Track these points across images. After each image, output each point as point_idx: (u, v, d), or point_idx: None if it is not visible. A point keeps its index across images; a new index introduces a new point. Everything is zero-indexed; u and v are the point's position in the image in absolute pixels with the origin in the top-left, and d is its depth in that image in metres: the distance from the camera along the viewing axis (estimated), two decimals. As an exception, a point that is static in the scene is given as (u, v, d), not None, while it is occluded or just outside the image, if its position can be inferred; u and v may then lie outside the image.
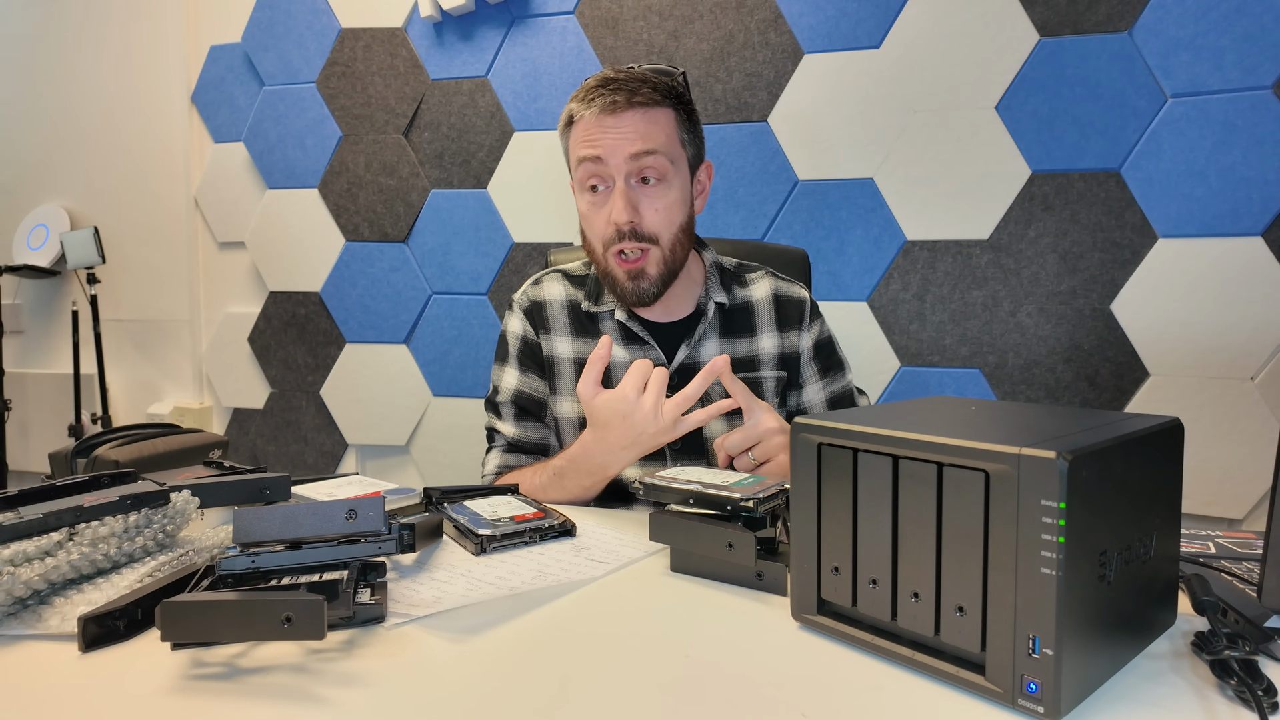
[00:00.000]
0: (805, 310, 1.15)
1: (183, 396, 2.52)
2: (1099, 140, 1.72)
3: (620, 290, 1.07)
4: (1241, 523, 1.68)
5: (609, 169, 1.02)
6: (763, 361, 1.12)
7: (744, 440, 0.90)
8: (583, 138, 1.04)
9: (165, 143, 2.44)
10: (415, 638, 0.56)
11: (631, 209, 1.02)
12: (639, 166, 1.02)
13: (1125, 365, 1.74)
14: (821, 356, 1.15)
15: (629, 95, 1.01)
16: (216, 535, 0.72)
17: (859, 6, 1.85)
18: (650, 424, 0.88)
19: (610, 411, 0.89)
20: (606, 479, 0.96)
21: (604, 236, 1.05)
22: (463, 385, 2.20)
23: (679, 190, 1.06)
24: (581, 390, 0.91)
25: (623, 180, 1.02)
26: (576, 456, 0.96)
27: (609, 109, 1.01)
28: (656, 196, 1.04)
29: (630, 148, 1.01)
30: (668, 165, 1.03)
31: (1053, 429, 0.49)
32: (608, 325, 1.13)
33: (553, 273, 1.19)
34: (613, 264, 1.06)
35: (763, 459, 0.90)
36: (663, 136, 1.03)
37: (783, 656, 0.53)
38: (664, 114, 1.04)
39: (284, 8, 2.25)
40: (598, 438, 0.92)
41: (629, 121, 1.01)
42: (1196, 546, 0.73)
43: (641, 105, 1.02)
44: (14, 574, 0.57)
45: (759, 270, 1.18)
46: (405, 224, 2.20)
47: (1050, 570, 0.43)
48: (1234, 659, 0.47)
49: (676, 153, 1.05)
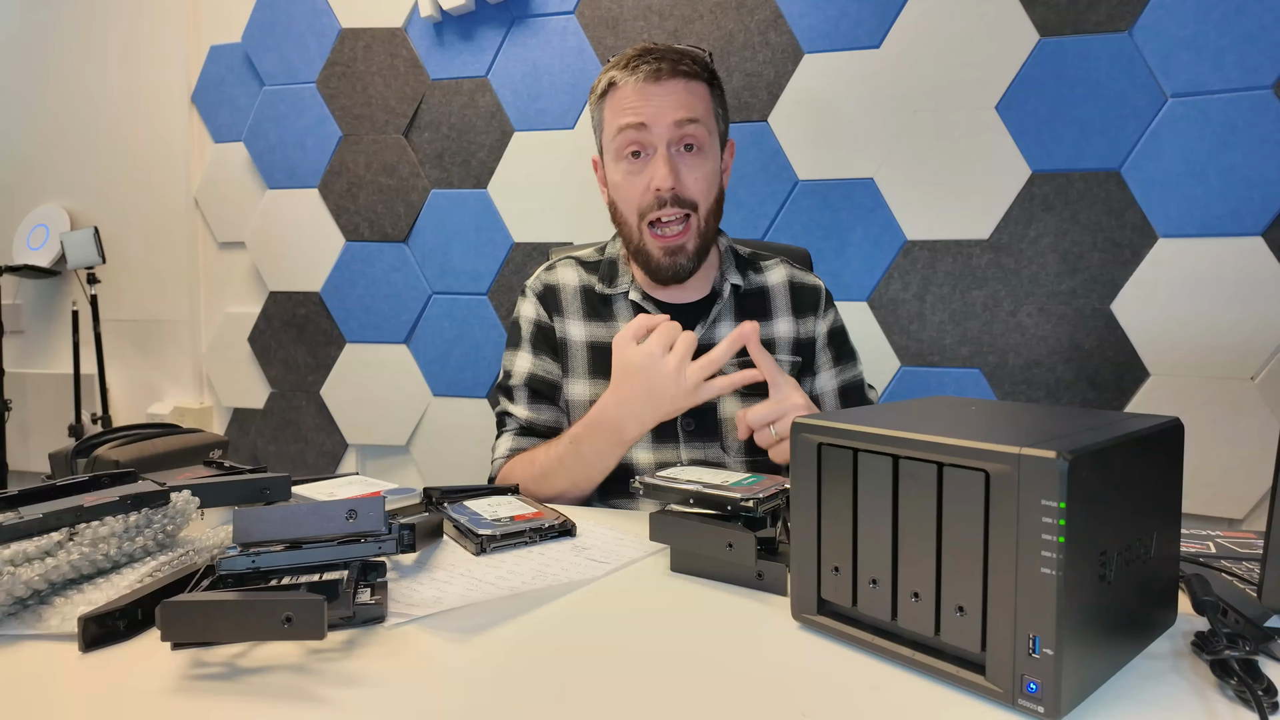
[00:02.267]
0: (820, 297, 1.16)
1: (183, 396, 2.51)
2: (1099, 140, 1.72)
3: (655, 265, 1.07)
4: (1241, 523, 1.67)
5: (652, 135, 1.03)
6: (778, 346, 1.12)
7: (768, 414, 0.88)
8: (624, 105, 1.04)
9: (165, 143, 2.44)
10: (415, 638, 0.56)
11: (675, 174, 1.03)
12: (682, 134, 1.03)
13: (1125, 365, 1.74)
14: (835, 344, 1.15)
15: (673, 64, 1.03)
16: (216, 535, 0.72)
17: (859, 6, 1.85)
18: (671, 383, 0.87)
19: (634, 365, 0.89)
20: (623, 445, 0.95)
21: (641, 204, 1.05)
22: (463, 385, 2.19)
23: (714, 161, 1.08)
24: (617, 340, 0.91)
25: (664, 147, 1.03)
26: (594, 418, 0.96)
27: (653, 76, 1.03)
28: (696, 165, 1.05)
29: (674, 114, 1.02)
30: (706, 135, 1.05)
31: (1053, 429, 0.49)
32: (621, 307, 1.13)
33: (566, 258, 1.19)
34: (648, 237, 1.06)
35: (785, 434, 0.89)
36: (703, 107, 1.05)
37: (783, 656, 0.53)
38: (702, 87, 1.06)
39: (284, 8, 2.25)
40: (617, 391, 0.92)
41: (672, 90, 1.03)
42: (1196, 546, 0.73)
43: (685, 75, 1.04)
44: (14, 574, 0.57)
45: (773, 258, 1.19)
46: (405, 224, 2.20)
47: (1050, 570, 0.43)
48: (1234, 659, 0.47)
49: (713, 125, 1.07)
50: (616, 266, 1.15)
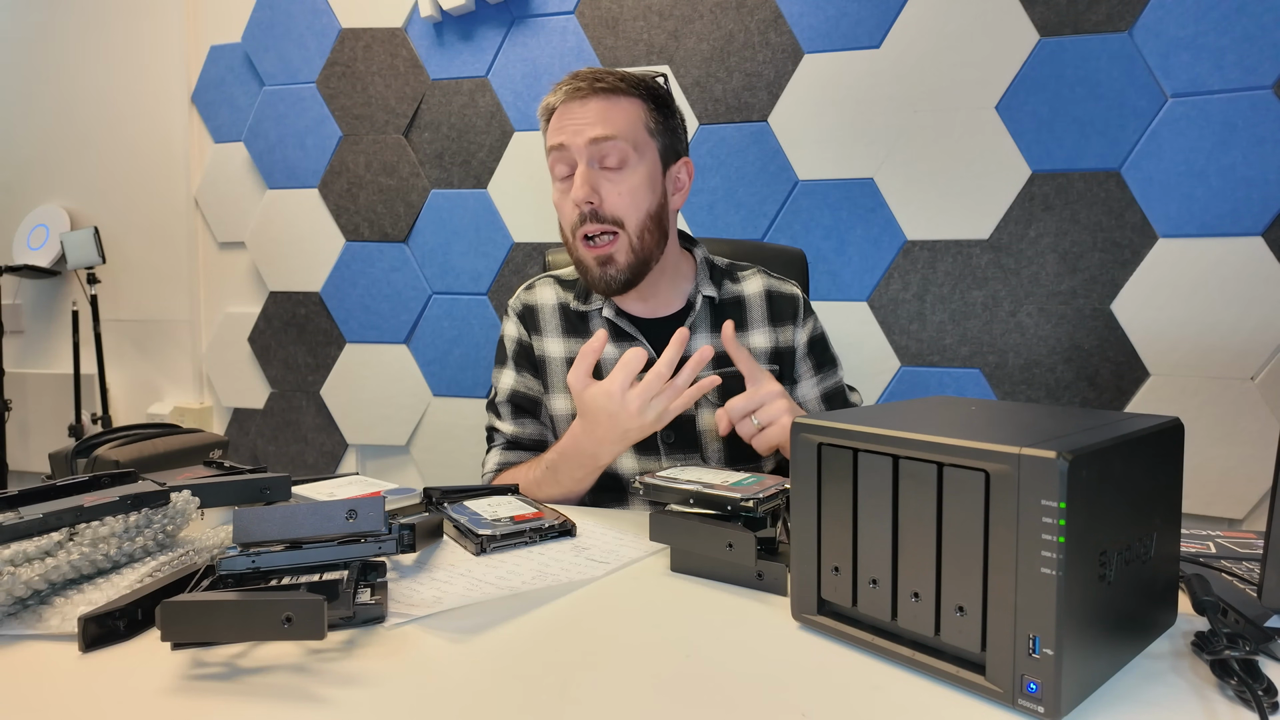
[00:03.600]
0: (799, 306, 1.16)
1: (183, 396, 2.52)
2: (1099, 140, 1.72)
3: (590, 277, 1.08)
4: (1241, 523, 1.68)
5: (571, 154, 1.04)
6: (755, 356, 1.13)
7: (747, 404, 0.90)
8: (553, 127, 1.07)
9: (165, 143, 2.44)
10: (415, 638, 0.56)
11: (590, 189, 1.03)
12: (599, 151, 1.04)
13: (1125, 365, 1.74)
14: (815, 353, 1.16)
15: (591, 82, 1.04)
16: (216, 535, 0.72)
17: (859, 6, 1.85)
18: (635, 419, 0.89)
19: (597, 406, 0.90)
20: (598, 469, 0.97)
21: (570, 221, 1.07)
22: (463, 385, 2.20)
23: (643, 176, 1.06)
24: (572, 381, 0.92)
25: (584, 164, 1.04)
26: (567, 449, 0.97)
27: (574, 95, 1.04)
28: (618, 180, 1.05)
29: (590, 132, 1.03)
30: (629, 150, 1.04)
31: (1053, 429, 0.49)
32: (597, 323, 1.14)
33: (545, 278, 1.21)
34: (581, 249, 1.07)
35: (766, 422, 0.90)
36: (623, 122, 1.04)
37: (783, 656, 0.53)
38: (628, 102, 1.06)
39: (284, 8, 2.25)
40: (586, 429, 0.94)
41: (591, 108, 1.04)
42: (1196, 546, 0.73)
43: (604, 92, 1.04)
44: (14, 574, 0.57)
45: (751, 268, 1.19)
46: (405, 224, 2.20)
47: (1050, 570, 0.43)
48: (1234, 659, 0.47)
49: (641, 139, 1.06)
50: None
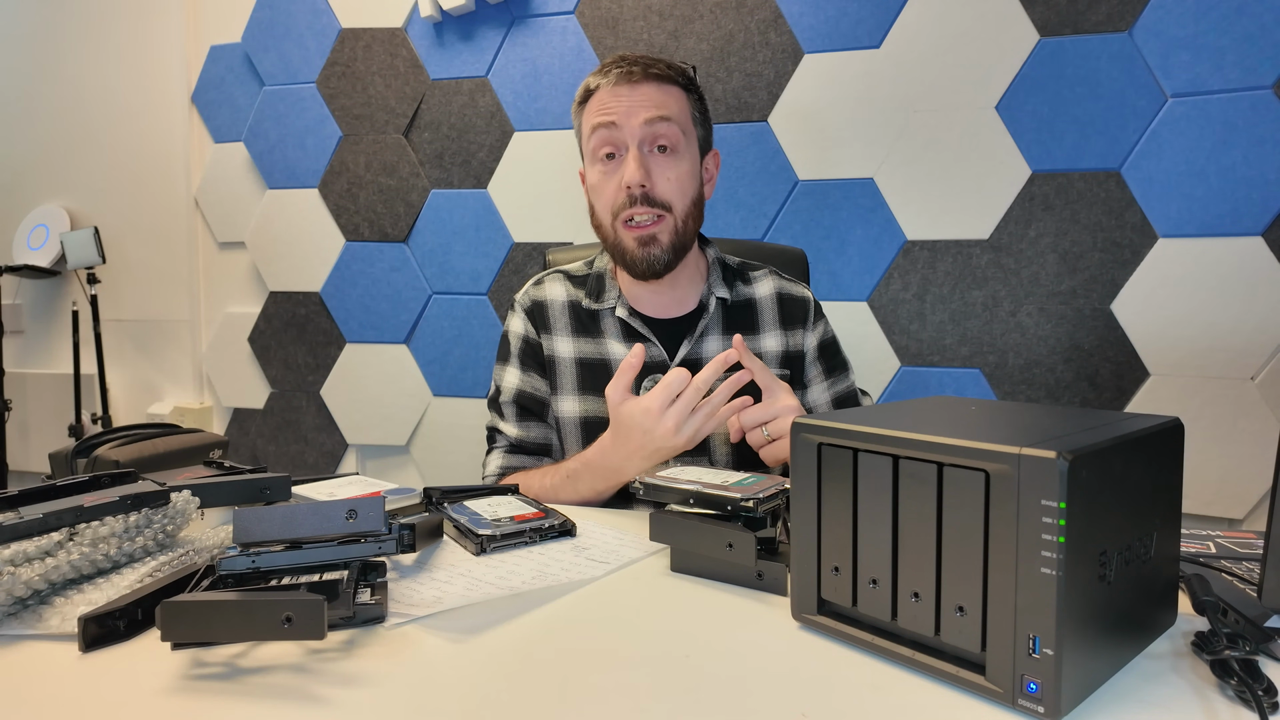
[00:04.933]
0: (810, 309, 1.15)
1: (183, 396, 2.52)
2: (1099, 140, 1.72)
3: (630, 259, 1.06)
4: (1241, 523, 1.68)
5: (623, 134, 1.04)
6: (766, 359, 1.12)
7: (761, 415, 0.91)
8: (597, 107, 1.06)
9: (165, 143, 2.44)
10: (415, 638, 0.56)
11: (644, 172, 1.03)
12: (653, 133, 1.04)
13: (1125, 365, 1.74)
14: (826, 357, 1.15)
15: (645, 67, 1.05)
16: (216, 535, 0.72)
17: (859, 6, 1.85)
18: (669, 439, 0.88)
19: (634, 423, 0.90)
20: (620, 483, 0.96)
21: (614, 204, 1.05)
22: (463, 385, 2.19)
23: (690, 163, 1.07)
24: (610, 394, 0.91)
25: (636, 146, 1.04)
26: (592, 460, 0.96)
27: (625, 78, 1.04)
28: (669, 165, 1.05)
29: (645, 113, 1.03)
30: (680, 135, 1.05)
31: (1053, 429, 0.49)
32: (609, 323, 1.12)
33: (554, 273, 1.19)
34: (622, 232, 1.06)
35: (777, 435, 0.91)
36: (676, 107, 1.06)
37: (783, 656, 0.53)
38: (677, 91, 1.07)
39: (284, 8, 2.25)
40: (618, 443, 0.93)
41: (644, 91, 1.04)
42: (1196, 546, 0.73)
43: (656, 78, 1.05)
44: (14, 574, 0.57)
45: (762, 269, 1.18)
46: (405, 224, 2.20)
47: (1050, 570, 0.43)
48: (1234, 659, 0.47)
49: (688, 127, 1.08)
50: (604, 281, 1.14)
